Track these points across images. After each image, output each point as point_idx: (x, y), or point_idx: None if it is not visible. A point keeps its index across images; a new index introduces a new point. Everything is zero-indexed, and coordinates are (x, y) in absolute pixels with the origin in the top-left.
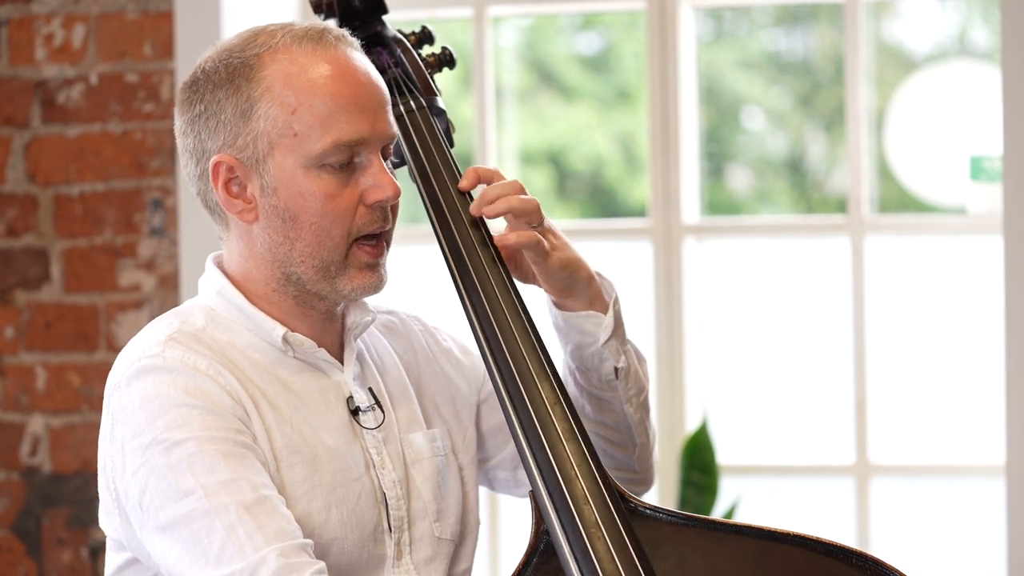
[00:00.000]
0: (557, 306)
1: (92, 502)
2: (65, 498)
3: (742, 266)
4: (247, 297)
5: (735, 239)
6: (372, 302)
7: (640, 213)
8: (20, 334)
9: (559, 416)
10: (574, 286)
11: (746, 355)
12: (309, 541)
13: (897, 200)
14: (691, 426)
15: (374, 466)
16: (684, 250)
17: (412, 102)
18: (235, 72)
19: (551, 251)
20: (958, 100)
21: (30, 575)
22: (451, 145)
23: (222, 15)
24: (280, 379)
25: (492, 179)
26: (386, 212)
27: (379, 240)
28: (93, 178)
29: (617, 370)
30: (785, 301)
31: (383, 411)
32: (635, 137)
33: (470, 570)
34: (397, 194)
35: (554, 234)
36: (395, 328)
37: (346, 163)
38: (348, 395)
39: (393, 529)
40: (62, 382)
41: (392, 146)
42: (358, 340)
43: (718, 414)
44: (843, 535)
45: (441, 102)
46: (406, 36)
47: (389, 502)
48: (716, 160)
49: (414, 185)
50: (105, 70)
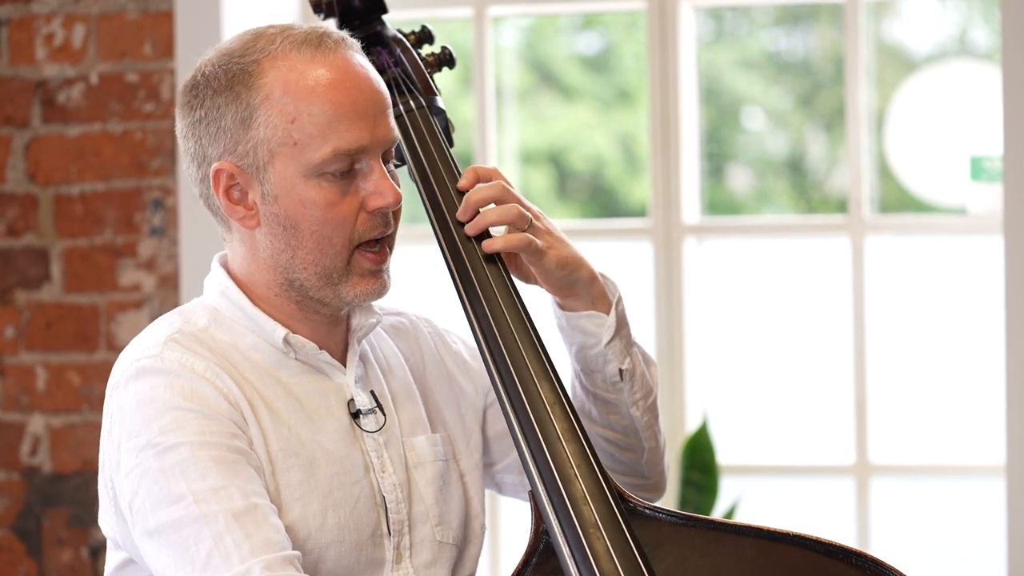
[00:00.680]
0: (560, 306)
1: (92, 502)
2: (65, 498)
3: (742, 266)
4: (250, 298)
5: (735, 239)
6: (381, 303)
7: (640, 213)
8: (20, 334)
9: (558, 416)
10: (574, 285)
11: (746, 355)
12: (297, 553)
13: (897, 200)
14: (691, 426)
15: (373, 469)
16: (684, 250)
17: (412, 102)
18: (234, 78)
19: (546, 250)
20: (958, 100)
21: (30, 575)
22: (451, 145)
23: (222, 15)
24: (280, 381)
25: (491, 178)
26: (387, 218)
27: (381, 245)
28: (93, 178)
29: (622, 372)
30: (785, 301)
31: (384, 414)
32: (635, 137)
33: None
34: (398, 200)
35: (549, 233)
36: (403, 329)
37: (346, 171)
38: (349, 398)
39: (392, 533)
40: (62, 382)
41: (394, 148)
42: (363, 341)
43: (718, 414)
44: (843, 535)
45: (441, 102)
46: (406, 36)
47: (388, 505)
48: (716, 160)
49: (414, 185)
50: (105, 70)
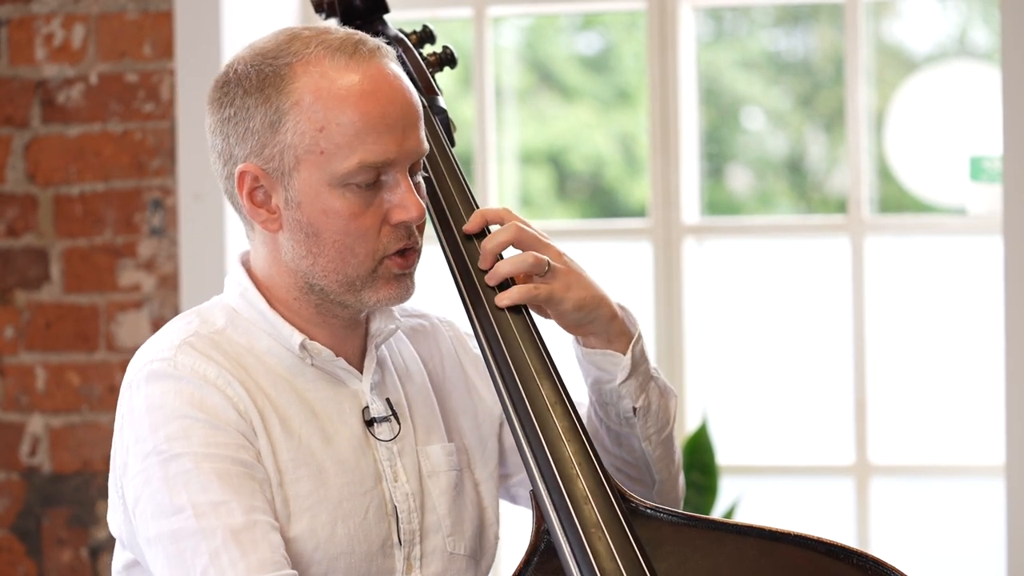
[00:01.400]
0: (577, 340)
1: (92, 502)
2: (65, 498)
3: (742, 266)
4: (269, 301)
5: (735, 239)
6: (404, 305)
7: (640, 213)
8: (20, 334)
9: (560, 415)
10: (592, 324)
11: (746, 355)
12: (294, 573)
13: (897, 200)
14: (691, 426)
15: (386, 479)
16: (684, 250)
17: None
18: (266, 80)
19: (562, 296)
20: (958, 100)
21: (30, 575)
22: (452, 144)
23: (222, 15)
24: (294, 388)
25: (501, 219)
26: (411, 230)
27: (408, 253)
28: (93, 178)
29: (635, 409)
30: (785, 302)
31: (399, 423)
32: (635, 137)
33: None
34: (422, 215)
35: (567, 274)
36: (423, 332)
37: (372, 182)
38: (364, 405)
39: (403, 543)
40: (62, 382)
41: (423, 160)
42: (382, 347)
43: (718, 414)
44: (843, 535)
45: (442, 101)
46: (407, 35)
47: (400, 515)
48: (716, 160)
49: None
50: (105, 70)
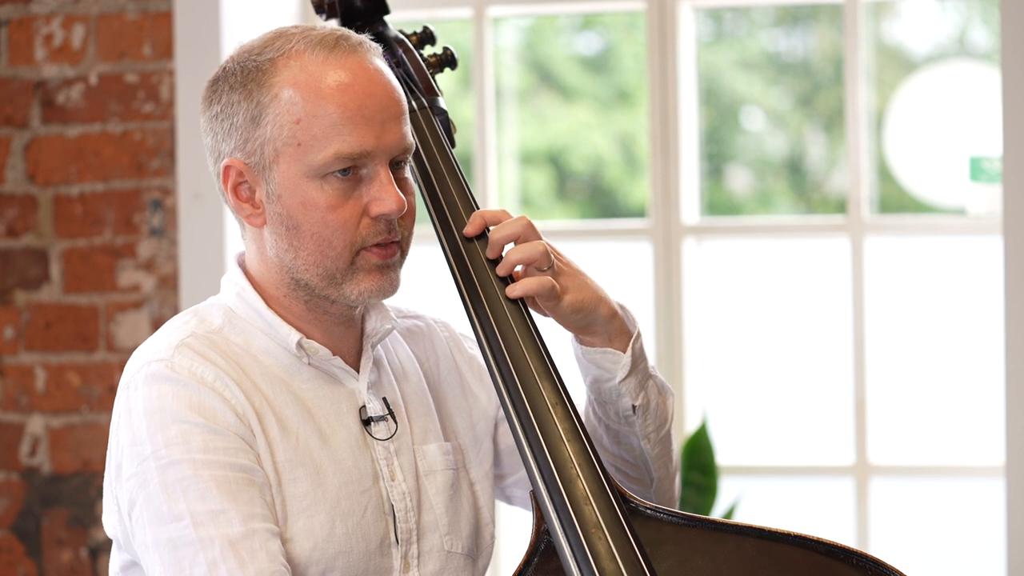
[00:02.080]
0: (576, 339)
1: (92, 503)
2: (65, 498)
3: (742, 267)
4: (265, 300)
5: (735, 240)
6: (399, 305)
7: (640, 214)
8: (20, 334)
9: (560, 416)
10: (591, 324)
11: (746, 356)
12: None
13: (897, 201)
14: (691, 426)
15: (383, 478)
16: (684, 250)
17: (414, 102)
18: (249, 76)
19: (562, 294)
20: (958, 101)
21: (30, 575)
22: (452, 145)
23: (222, 15)
24: (291, 388)
25: (499, 220)
26: (392, 224)
27: (389, 244)
28: (93, 178)
29: (635, 407)
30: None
31: (396, 422)
32: (635, 138)
33: None
34: (401, 208)
35: (569, 274)
36: (419, 333)
37: (351, 174)
38: (361, 404)
39: (400, 541)
40: (62, 382)
41: (410, 154)
42: (378, 346)
43: (718, 414)
44: (843, 535)
45: (442, 102)
46: (408, 36)
47: (397, 514)
48: (716, 160)
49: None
50: (105, 70)
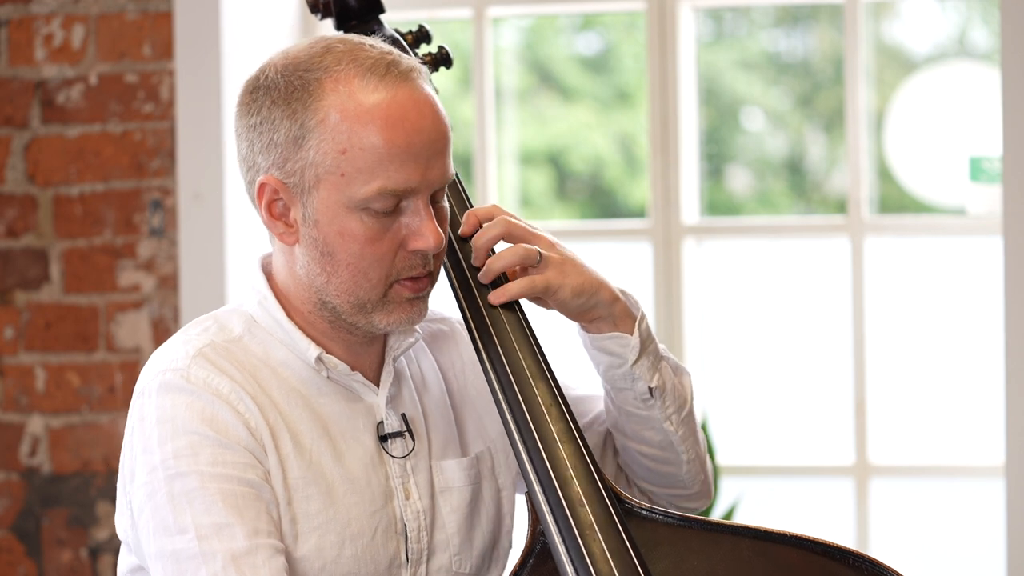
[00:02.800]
0: (583, 328)
1: (92, 502)
2: (65, 498)
3: (742, 267)
4: (287, 311)
5: (735, 240)
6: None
7: (640, 214)
8: (20, 334)
9: (555, 417)
10: (593, 309)
11: (746, 356)
12: None
13: (897, 201)
14: None
15: (397, 497)
16: (684, 251)
17: None
18: (294, 93)
19: (559, 284)
20: (957, 101)
21: (30, 575)
22: None
23: (222, 15)
24: (308, 402)
25: (492, 216)
26: (428, 258)
27: (421, 278)
28: (93, 178)
29: (651, 389)
30: (785, 302)
31: (413, 439)
32: (635, 138)
33: None
34: (440, 244)
35: (562, 262)
36: (444, 337)
37: (391, 208)
38: (379, 420)
39: (410, 562)
40: (62, 382)
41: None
42: (400, 358)
43: (717, 415)
44: (843, 536)
45: None
46: (403, 35)
47: (409, 535)
48: (716, 161)
49: None
50: (105, 70)
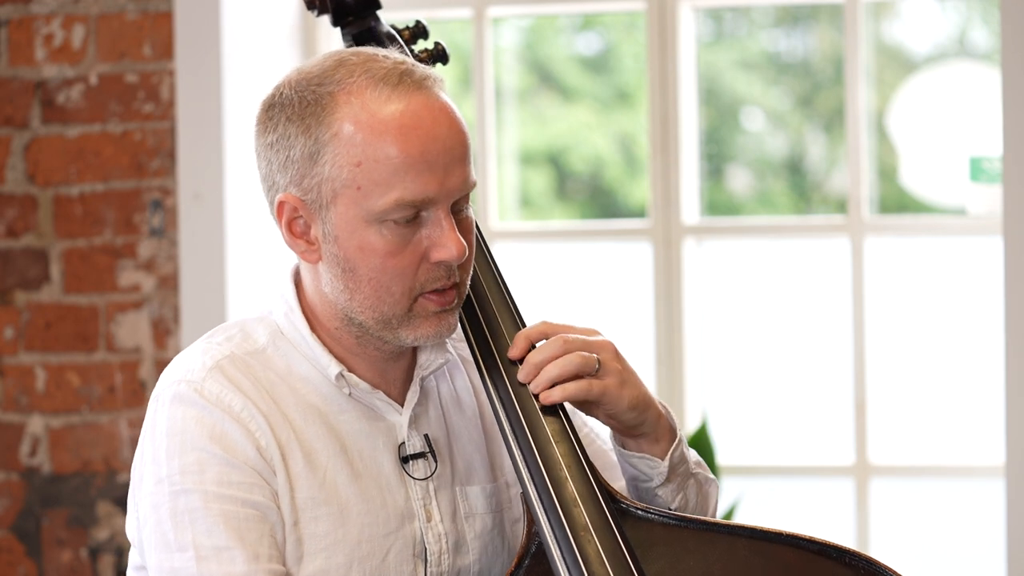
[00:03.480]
0: (615, 437)
1: (92, 503)
2: (65, 499)
3: (742, 267)
4: (312, 326)
5: (735, 240)
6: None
7: (640, 214)
8: (20, 334)
9: (549, 417)
10: (643, 425)
11: (746, 356)
12: None
13: (897, 201)
14: (691, 426)
15: (418, 519)
16: (684, 251)
17: None
18: (307, 109)
19: (619, 395)
20: (958, 101)
21: (30, 575)
22: None
23: (222, 15)
24: (327, 419)
25: (545, 335)
26: (452, 269)
27: (447, 290)
28: (93, 178)
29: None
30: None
31: (435, 460)
32: (635, 138)
33: None
34: (463, 254)
35: (621, 372)
36: None
37: (411, 219)
38: (400, 441)
39: None
40: (62, 382)
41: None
42: (430, 377)
43: (718, 415)
44: (843, 536)
45: None
46: (400, 32)
47: (430, 557)
48: (716, 161)
49: None
50: (105, 70)
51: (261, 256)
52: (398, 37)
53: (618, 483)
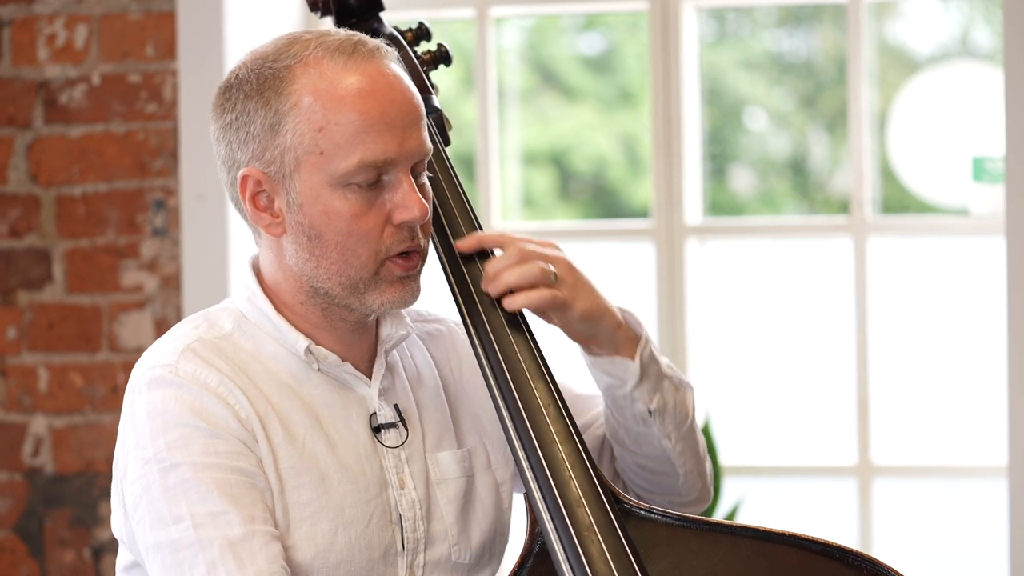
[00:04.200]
0: (583, 348)
1: (95, 503)
2: (67, 499)
3: (744, 267)
4: (276, 305)
5: (737, 240)
6: (420, 310)
7: (642, 214)
8: (22, 335)
9: (553, 417)
10: (597, 335)
11: (748, 356)
12: None
13: (899, 201)
14: None
15: (392, 486)
16: (686, 251)
17: None
18: (265, 83)
19: (570, 304)
20: (960, 101)
21: (32, 575)
22: (447, 143)
23: (224, 15)
24: (299, 394)
25: (502, 244)
26: (415, 231)
27: (412, 254)
28: (95, 178)
29: (651, 411)
30: (787, 302)
31: (407, 429)
32: (637, 138)
33: None
34: (425, 214)
35: (575, 283)
36: (440, 337)
37: (373, 182)
38: (372, 411)
39: (406, 551)
40: (64, 383)
41: (426, 160)
42: (393, 351)
43: (720, 415)
44: (845, 536)
45: (436, 100)
46: (402, 33)
47: (405, 524)
48: (718, 161)
49: None
50: (108, 70)
51: None
52: (401, 39)
53: (590, 414)
